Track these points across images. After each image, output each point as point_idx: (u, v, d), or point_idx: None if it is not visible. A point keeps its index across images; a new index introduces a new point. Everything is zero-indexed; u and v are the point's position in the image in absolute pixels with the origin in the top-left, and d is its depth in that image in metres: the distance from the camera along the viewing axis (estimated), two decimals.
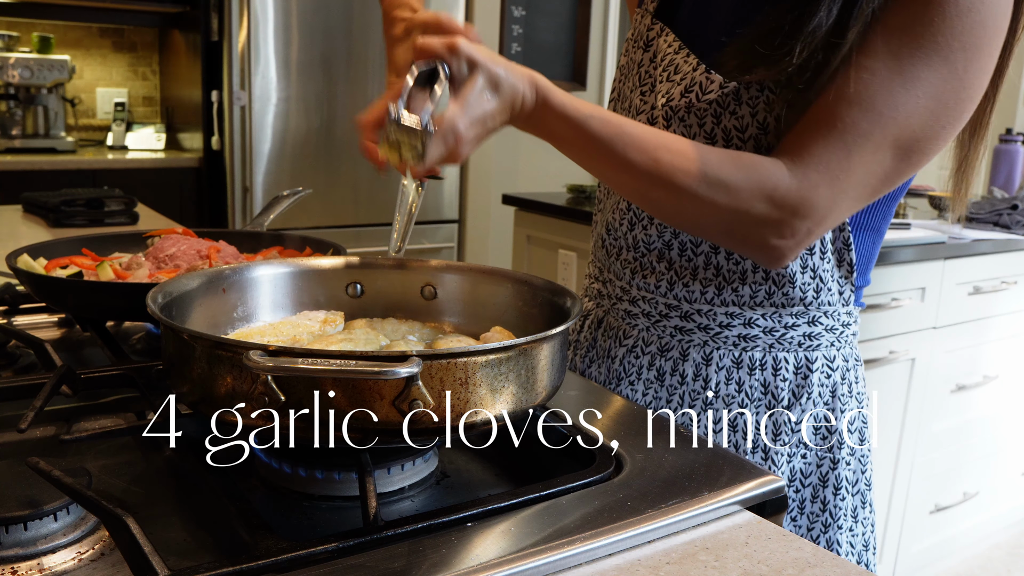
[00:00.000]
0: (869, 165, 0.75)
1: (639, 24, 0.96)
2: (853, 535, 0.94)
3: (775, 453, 0.91)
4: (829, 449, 0.92)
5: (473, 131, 0.69)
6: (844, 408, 0.92)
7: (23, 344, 0.91)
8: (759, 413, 0.91)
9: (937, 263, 2.20)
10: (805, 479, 0.92)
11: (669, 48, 0.90)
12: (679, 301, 0.92)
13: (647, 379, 0.95)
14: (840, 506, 0.92)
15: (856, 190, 0.77)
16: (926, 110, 0.74)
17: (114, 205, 1.89)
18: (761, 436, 0.91)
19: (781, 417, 0.91)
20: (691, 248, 0.90)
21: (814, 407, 0.91)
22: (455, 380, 0.60)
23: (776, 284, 0.88)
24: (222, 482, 0.65)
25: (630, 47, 0.97)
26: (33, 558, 0.56)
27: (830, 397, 0.92)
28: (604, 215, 1.00)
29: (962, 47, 0.73)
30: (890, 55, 0.73)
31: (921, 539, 2.46)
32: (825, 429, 0.92)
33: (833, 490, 0.92)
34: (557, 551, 0.57)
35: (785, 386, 0.90)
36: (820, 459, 0.92)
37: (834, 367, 0.92)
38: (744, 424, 0.91)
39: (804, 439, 0.91)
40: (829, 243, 0.88)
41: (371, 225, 3.41)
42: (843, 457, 0.92)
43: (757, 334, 0.90)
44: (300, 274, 0.86)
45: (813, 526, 0.92)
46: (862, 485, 0.95)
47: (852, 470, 0.93)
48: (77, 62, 3.62)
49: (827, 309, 0.90)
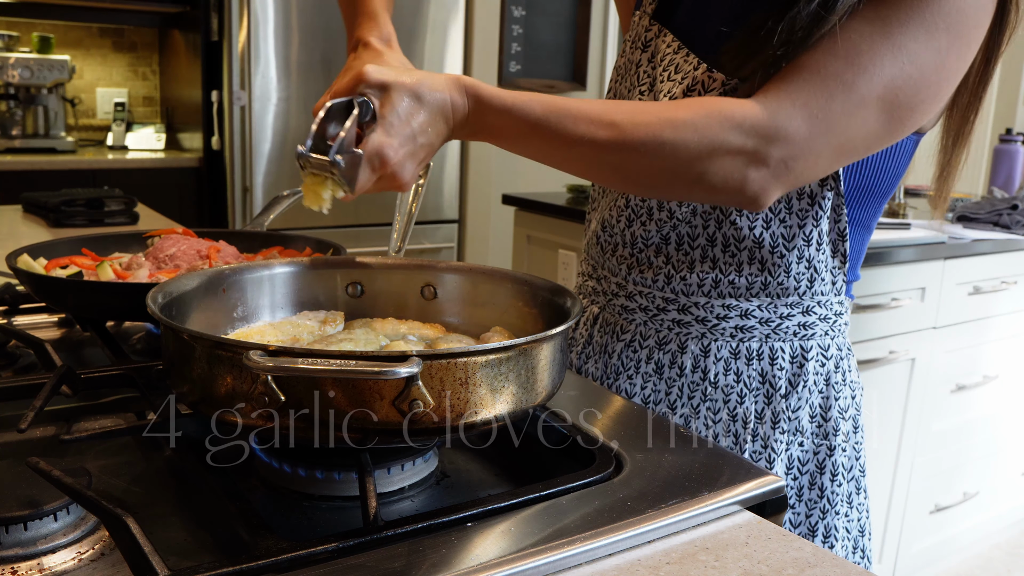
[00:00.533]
0: (852, 118, 0.75)
1: (637, 26, 0.96)
2: (849, 520, 0.96)
3: (775, 441, 0.92)
4: (825, 436, 0.94)
5: (403, 151, 0.69)
6: (838, 396, 0.94)
7: (23, 344, 0.91)
8: (758, 402, 0.92)
9: (937, 263, 2.20)
10: (803, 466, 0.94)
11: (668, 48, 0.91)
12: (676, 294, 0.93)
13: (645, 372, 0.96)
14: (837, 492, 0.94)
15: (837, 139, 0.75)
16: (910, 77, 0.74)
17: (114, 205, 1.89)
18: (760, 425, 0.92)
19: (780, 405, 0.92)
20: (688, 242, 0.91)
21: (810, 395, 0.93)
22: (455, 380, 0.60)
23: (771, 274, 0.89)
24: (222, 482, 0.65)
25: (628, 48, 0.98)
26: (33, 558, 0.56)
27: (824, 385, 0.94)
28: (600, 213, 1.01)
29: (946, 27, 0.74)
30: (879, 21, 0.74)
31: (921, 539, 2.46)
32: (820, 416, 0.94)
33: (830, 476, 0.94)
34: (557, 551, 0.57)
35: (782, 375, 0.92)
36: (817, 446, 0.94)
37: (828, 356, 0.93)
38: (744, 414, 0.92)
39: (801, 427, 0.93)
40: (825, 234, 0.89)
41: (371, 225, 3.41)
42: (839, 444, 0.94)
43: (754, 325, 0.91)
44: (300, 274, 0.86)
45: (811, 512, 0.94)
46: (856, 471, 0.97)
47: (847, 456, 0.95)
48: (77, 62, 3.62)
49: (821, 299, 0.92)
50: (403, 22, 3.32)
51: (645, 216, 0.93)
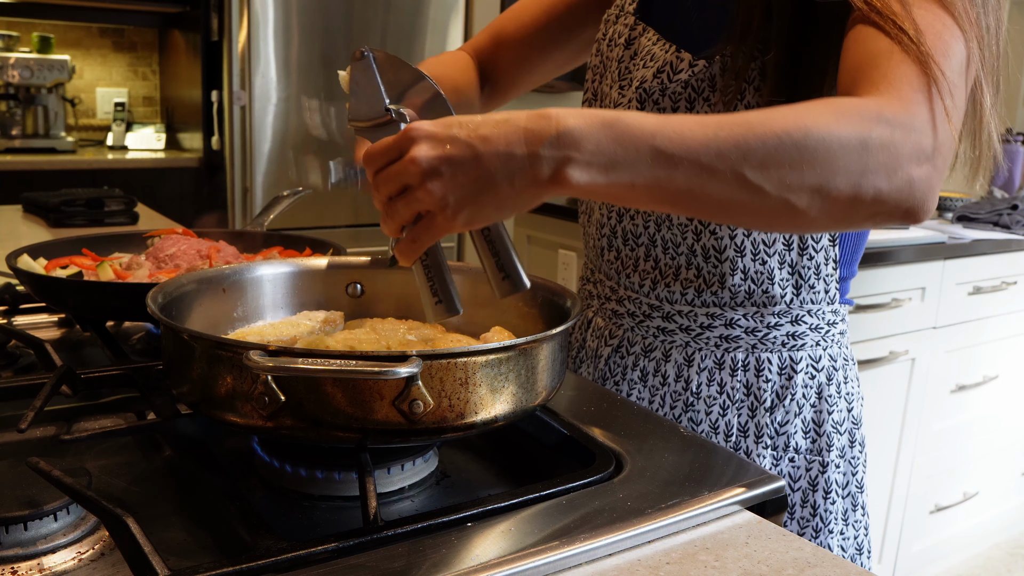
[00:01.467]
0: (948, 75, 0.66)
1: (616, 25, 0.96)
2: (844, 539, 0.93)
3: (757, 455, 0.90)
4: (818, 452, 0.91)
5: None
6: (832, 409, 0.91)
7: (23, 344, 0.91)
8: (741, 415, 0.90)
9: (937, 263, 2.20)
10: (794, 483, 0.91)
11: (648, 41, 0.91)
12: (661, 302, 0.92)
13: (631, 379, 0.95)
14: (830, 510, 0.91)
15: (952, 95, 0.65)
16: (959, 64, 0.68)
17: (114, 205, 1.89)
18: (743, 439, 0.90)
19: (764, 419, 0.90)
20: (673, 248, 0.90)
21: (799, 409, 0.90)
22: (455, 380, 0.60)
23: (755, 283, 0.88)
24: (222, 482, 0.65)
25: (603, 47, 0.97)
26: (33, 558, 0.56)
27: (816, 398, 0.91)
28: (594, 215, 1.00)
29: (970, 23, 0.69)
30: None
31: (921, 539, 2.46)
32: (814, 431, 0.91)
33: (823, 494, 0.91)
34: (557, 551, 0.57)
35: (768, 387, 0.90)
36: (809, 463, 0.91)
37: (819, 367, 0.91)
38: (726, 426, 0.91)
39: (791, 442, 0.90)
40: (811, 239, 0.87)
41: (371, 225, 3.41)
42: (832, 460, 0.91)
43: (739, 334, 0.90)
44: (300, 274, 0.86)
45: (803, 531, 0.92)
46: (852, 487, 0.94)
47: (842, 472, 0.92)
48: (77, 62, 3.62)
49: (811, 308, 0.90)
50: (403, 22, 3.32)
51: (634, 210, 0.92)
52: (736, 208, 0.62)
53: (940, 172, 0.64)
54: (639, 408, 0.84)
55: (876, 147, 0.61)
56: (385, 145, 0.61)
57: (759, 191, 0.60)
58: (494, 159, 0.57)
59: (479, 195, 0.58)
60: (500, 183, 0.58)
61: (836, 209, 0.62)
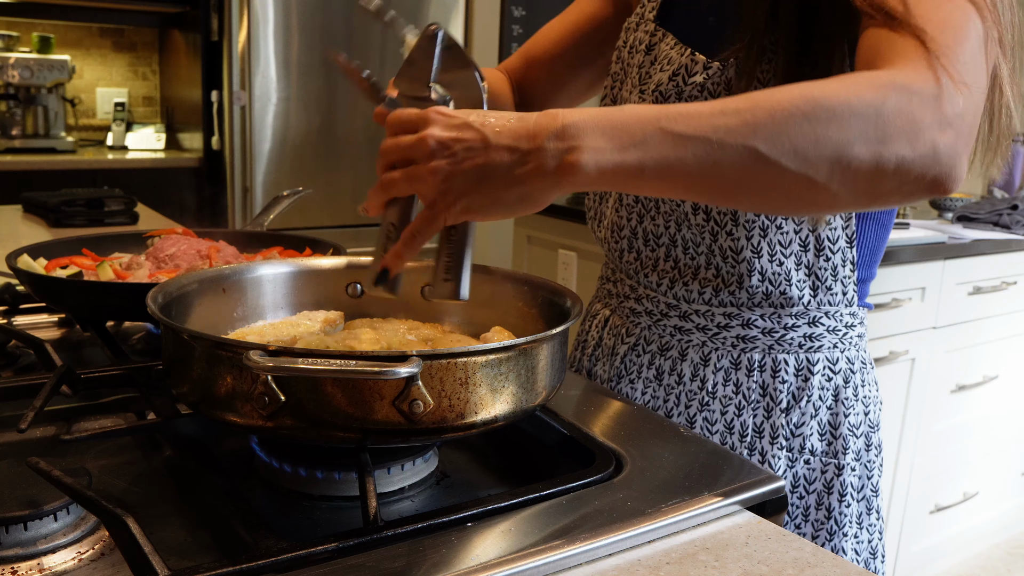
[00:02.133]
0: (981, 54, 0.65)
1: (636, 32, 0.96)
2: (859, 542, 0.93)
3: (772, 457, 0.90)
4: (834, 455, 0.91)
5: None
6: (848, 412, 0.91)
7: (23, 344, 0.91)
8: (756, 415, 0.90)
9: (937, 263, 2.20)
10: (809, 485, 0.91)
11: (666, 46, 0.91)
12: (678, 300, 0.92)
13: (646, 378, 0.95)
14: (845, 513, 0.91)
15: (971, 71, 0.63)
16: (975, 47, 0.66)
17: (114, 205, 1.89)
18: (759, 439, 0.91)
19: (779, 420, 0.90)
20: (693, 247, 0.90)
21: (815, 411, 0.90)
22: (455, 380, 0.60)
23: (773, 284, 0.87)
24: (222, 482, 0.65)
25: (624, 54, 0.98)
26: (33, 558, 0.56)
27: (832, 401, 0.91)
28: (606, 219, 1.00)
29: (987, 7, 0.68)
30: None
31: (921, 539, 2.46)
32: (830, 434, 0.91)
33: (838, 497, 0.91)
34: (557, 551, 0.57)
35: (784, 388, 0.90)
36: (824, 465, 0.91)
37: (836, 370, 0.91)
38: (741, 426, 0.91)
39: (807, 444, 0.90)
40: (827, 241, 0.87)
41: (371, 225, 3.41)
42: (848, 463, 0.91)
43: (756, 335, 0.89)
44: (300, 274, 0.86)
45: (818, 533, 0.91)
46: (868, 491, 0.93)
47: (857, 475, 0.92)
48: (77, 62, 3.62)
49: (828, 310, 0.89)
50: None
51: (654, 210, 0.92)
52: (754, 186, 0.61)
53: (966, 140, 0.62)
54: (639, 408, 0.84)
55: (892, 112, 0.59)
56: (407, 116, 0.65)
57: (775, 165, 0.59)
58: (500, 151, 0.61)
59: (480, 183, 0.61)
60: (502, 175, 0.61)
61: (858, 181, 0.60)
